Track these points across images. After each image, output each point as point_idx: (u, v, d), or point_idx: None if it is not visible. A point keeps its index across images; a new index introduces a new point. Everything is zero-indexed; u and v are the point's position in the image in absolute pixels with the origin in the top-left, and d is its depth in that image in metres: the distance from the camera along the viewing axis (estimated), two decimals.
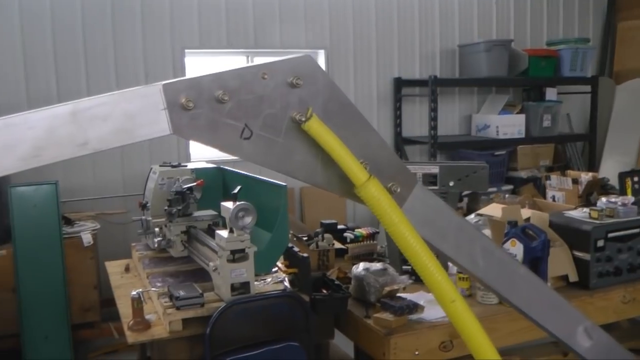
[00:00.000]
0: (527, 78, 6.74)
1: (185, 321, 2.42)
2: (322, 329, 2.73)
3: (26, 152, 0.93)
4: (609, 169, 6.63)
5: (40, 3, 5.05)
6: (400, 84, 6.55)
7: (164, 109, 0.99)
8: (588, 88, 7.01)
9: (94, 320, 4.62)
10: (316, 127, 1.07)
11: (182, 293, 2.45)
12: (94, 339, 4.66)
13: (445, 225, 1.20)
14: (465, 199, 4.55)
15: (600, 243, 2.97)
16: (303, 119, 1.06)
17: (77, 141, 0.95)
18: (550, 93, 6.93)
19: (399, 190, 1.17)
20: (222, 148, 1.04)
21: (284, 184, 2.75)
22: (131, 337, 2.42)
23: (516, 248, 2.88)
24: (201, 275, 2.77)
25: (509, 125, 6.61)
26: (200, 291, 2.48)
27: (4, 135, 0.92)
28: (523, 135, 6.67)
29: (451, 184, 3.06)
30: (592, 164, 7.06)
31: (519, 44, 6.92)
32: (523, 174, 6.57)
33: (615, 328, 3.59)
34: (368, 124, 1.17)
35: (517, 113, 6.77)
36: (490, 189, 5.95)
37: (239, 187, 2.52)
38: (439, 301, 1.14)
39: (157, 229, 2.97)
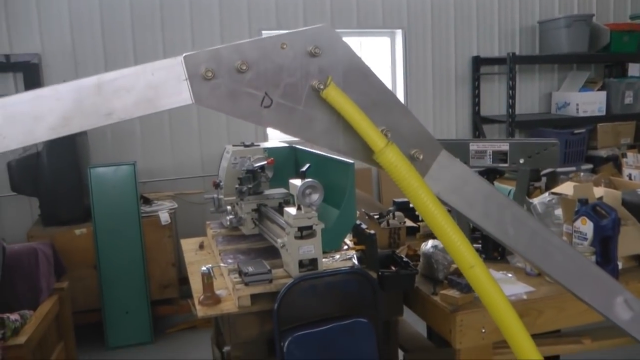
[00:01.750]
0: (609, 54, 6.50)
1: (254, 297, 2.49)
2: (390, 306, 2.75)
3: (55, 122, 0.99)
4: None
5: None
6: (478, 63, 6.45)
7: (185, 80, 1.04)
8: None
9: (172, 297, 4.80)
10: (334, 95, 1.08)
11: (250, 269, 2.52)
12: (173, 315, 4.85)
13: (472, 192, 1.19)
14: (544, 179, 4.46)
15: None
16: (322, 87, 1.08)
17: (102, 111, 1.01)
18: (633, 69, 6.67)
19: (421, 157, 1.17)
20: (242, 116, 1.07)
21: (351, 161, 2.78)
22: (201, 311, 2.50)
23: (586, 226, 2.82)
24: (272, 253, 2.83)
25: (589, 102, 6.41)
26: (269, 267, 2.54)
27: (35, 106, 0.98)
28: (604, 113, 6.46)
29: (521, 161, 3.01)
30: None
31: (601, 19, 6.68)
32: (603, 153, 6.37)
33: None
34: (390, 92, 1.17)
35: (598, 90, 6.56)
36: (569, 168, 5.82)
37: (307, 165, 2.56)
38: (459, 266, 1.15)
39: (229, 207, 3.06)
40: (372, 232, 2.75)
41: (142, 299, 4.48)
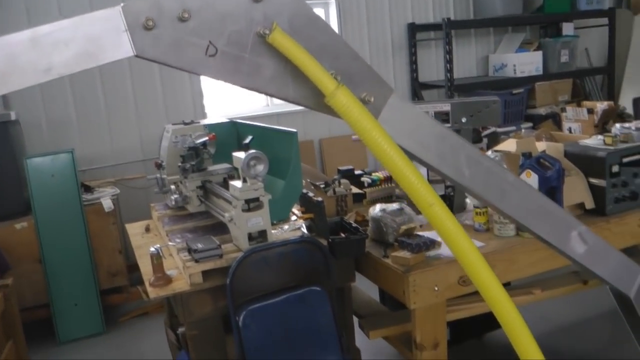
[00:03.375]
0: (543, 14, 6.61)
1: (206, 273, 2.45)
2: (342, 273, 2.74)
3: None
4: (629, 100, 6.52)
5: None
6: (414, 30, 6.47)
7: (125, 31, 0.99)
8: (605, 21, 6.87)
9: (122, 285, 4.70)
10: (280, 39, 1.06)
11: (200, 246, 2.47)
12: (124, 303, 4.76)
13: (425, 134, 1.18)
14: (485, 140, 4.51)
15: (615, 169, 2.94)
16: (267, 33, 1.06)
17: (40, 67, 0.96)
18: (567, 28, 6.79)
19: (372, 100, 1.15)
20: (187, 67, 1.04)
21: (294, 130, 2.75)
22: (153, 293, 2.45)
23: (531, 179, 2.86)
24: (220, 229, 2.79)
25: (526, 63, 6.52)
26: (218, 243, 2.50)
27: None
28: (541, 72, 6.58)
29: (464, 120, 3.04)
30: (612, 97, 6.93)
31: None
32: (542, 111, 6.50)
33: (634, 253, 3.57)
34: (337, 35, 1.15)
35: (534, 50, 6.66)
36: (510, 128, 5.91)
37: (250, 137, 2.53)
38: (418, 206, 1.13)
39: (173, 187, 3.00)
40: (320, 199, 2.73)
41: (91, 290, 4.37)
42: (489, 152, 3.65)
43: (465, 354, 3.65)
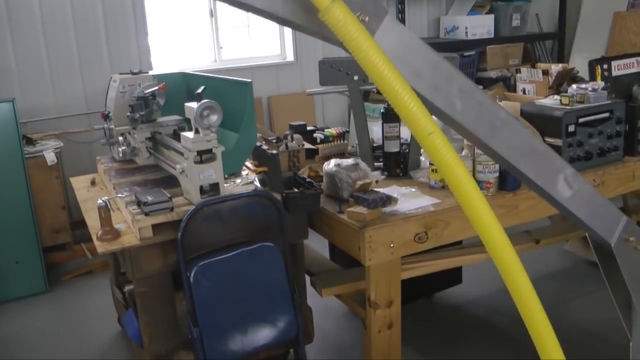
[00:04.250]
0: None
1: (156, 227, 2.36)
2: (296, 229, 2.69)
3: None
4: (578, 66, 6.59)
5: None
6: None
7: None
8: None
9: (65, 242, 4.54)
10: None
11: (150, 198, 2.38)
12: (67, 262, 4.60)
13: (419, 61, 1.10)
14: None
15: (572, 128, 2.95)
16: None
17: None
18: None
19: (367, 19, 1.07)
20: None
21: (248, 80, 2.65)
22: (101, 247, 2.34)
23: None
24: (170, 182, 2.70)
25: (478, 26, 6.50)
26: (169, 195, 2.41)
27: None
28: (492, 36, 6.58)
29: None
30: (561, 61, 7.01)
31: None
32: (493, 74, 6.51)
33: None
34: None
35: (486, 14, 6.65)
36: None
37: (202, 87, 2.42)
38: (415, 135, 1.06)
39: (120, 138, 2.88)
40: (275, 152, 2.66)
41: (33, 247, 4.21)
42: None
43: (415, 313, 3.67)
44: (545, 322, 1.12)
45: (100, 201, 2.38)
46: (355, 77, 2.97)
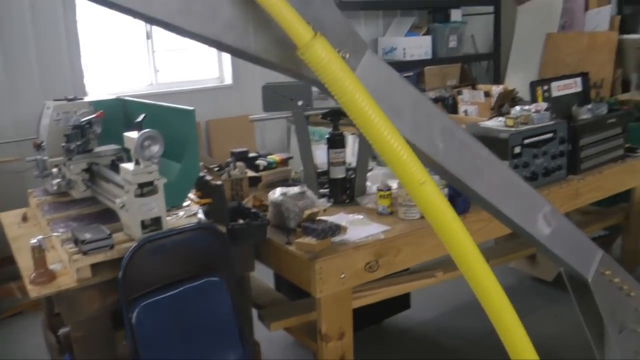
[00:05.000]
0: (432, 0, 6.68)
1: (95, 267, 2.21)
2: (242, 261, 2.59)
3: None
4: (513, 85, 6.73)
5: None
6: None
7: None
8: (491, 9, 7.07)
9: None
10: None
11: (88, 236, 2.23)
12: None
13: (399, 99, 1.02)
14: None
15: (517, 150, 2.97)
16: None
17: None
18: (455, 14, 6.91)
19: (347, 56, 0.98)
20: (133, 4, 0.82)
21: (191, 108, 2.55)
22: (34, 291, 2.17)
23: None
24: (108, 217, 2.55)
25: (415, 47, 6.57)
26: (108, 232, 2.27)
27: None
28: (430, 57, 6.65)
29: None
30: (497, 82, 7.14)
31: None
32: (431, 94, 6.54)
33: None
34: None
35: (424, 35, 6.72)
36: None
37: (143, 115, 2.31)
38: (405, 184, 0.97)
39: (55, 169, 2.72)
40: (219, 183, 2.56)
41: None
42: None
43: (366, 342, 3.60)
44: (520, 329, 1.07)
45: (33, 241, 2.22)
46: (300, 102, 2.90)
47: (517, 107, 3.16)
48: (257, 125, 6.03)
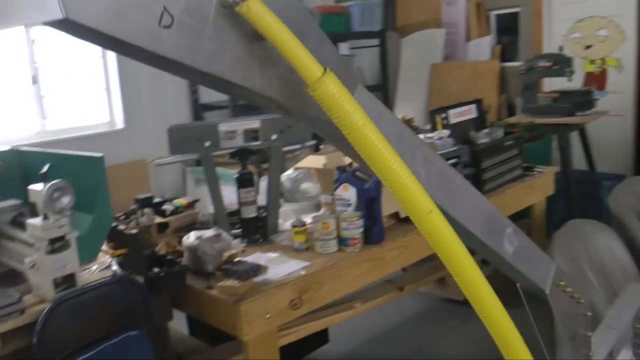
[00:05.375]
0: None
1: (4, 336, 2.05)
2: (160, 311, 2.50)
3: None
4: (404, 115, 6.96)
5: None
6: None
7: None
8: (377, 42, 7.28)
9: None
10: (258, 9, 0.83)
11: None
12: None
13: (387, 131, 1.01)
14: None
15: None
16: (236, 0, 0.82)
17: None
18: (343, 48, 7.07)
19: None
20: (136, 39, 0.77)
21: (99, 155, 2.44)
22: None
23: (349, 192, 2.84)
24: (12, 278, 2.37)
25: None
26: (18, 295, 2.11)
27: None
28: None
29: (274, 137, 2.94)
30: None
31: (309, 2, 6.95)
32: None
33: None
34: (305, 8, 0.95)
35: None
36: (294, 147, 5.96)
37: (48, 165, 2.18)
38: (413, 215, 0.96)
39: None
40: (135, 231, 2.46)
41: None
42: (291, 170, 3.61)
43: None
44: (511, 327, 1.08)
45: None
46: (207, 144, 2.85)
47: (422, 135, 3.25)
48: (151, 170, 5.88)
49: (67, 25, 0.72)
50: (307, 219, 2.91)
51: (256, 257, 2.73)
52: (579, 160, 5.70)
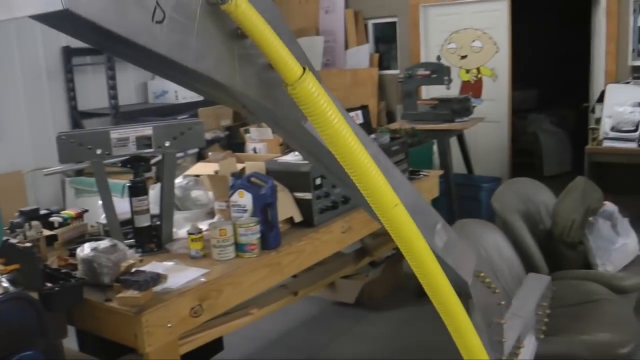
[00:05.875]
0: None
1: None
2: (55, 328, 2.39)
3: None
4: None
5: None
6: (70, 54, 6.05)
7: None
8: None
9: None
10: (245, 8, 0.84)
11: None
12: None
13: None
14: (154, 168, 4.39)
15: (318, 181, 3.10)
16: None
17: None
18: None
19: None
20: (131, 33, 0.77)
21: None
22: None
23: (244, 198, 2.86)
24: None
25: (186, 89, 6.55)
26: None
27: None
28: (202, 98, 6.67)
29: (167, 144, 2.91)
30: None
31: None
32: (208, 136, 6.59)
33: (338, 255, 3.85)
34: (277, 10, 0.98)
35: None
36: (178, 154, 5.88)
37: None
38: (379, 208, 1.02)
39: None
40: (29, 245, 2.35)
41: None
42: (181, 178, 3.57)
43: None
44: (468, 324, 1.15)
45: None
46: (99, 151, 2.77)
47: None
48: (28, 181, 5.59)
49: (66, 18, 0.72)
50: (203, 226, 2.90)
51: (153, 266, 2.68)
52: (458, 164, 6.01)
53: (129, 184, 2.92)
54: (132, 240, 2.96)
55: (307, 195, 3.06)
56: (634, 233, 3.57)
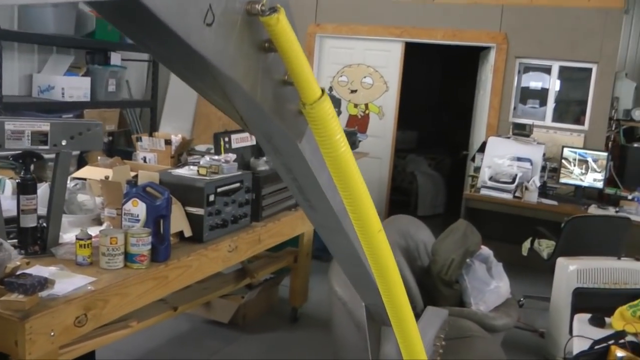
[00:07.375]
0: (94, 40, 6.53)
1: None
2: None
3: None
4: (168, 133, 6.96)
5: None
6: None
7: None
8: (147, 56, 7.20)
9: None
10: (285, 24, 0.85)
11: None
12: None
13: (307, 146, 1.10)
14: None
15: (212, 198, 3.12)
16: (265, 11, 0.84)
17: None
18: (115, 58, 6.85)
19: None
20: (183, 31, 0.77)
21: None
22: None
23: (138, 208, 2.82)
24: None
25: (75, 87, 6.33)
26: None
27: None
28: (89, 99, 6.47)
29: (64, 142, 2.81)
30: (154, 129, 7.25)
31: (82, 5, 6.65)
32: None
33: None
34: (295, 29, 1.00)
35: (83, 75, 6.52)
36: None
37: None
38: (365, 231, 1.05)
39: None
40: None
41: None
42: (69, 180, 3.46)
43: None
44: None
45: None
46: None
47: (207, 157, 3.33)
48: None
49: (129, 5, 0.73)
50: (94, 232, 2.83)
51: (37, 270, 2.58)
52: None
53: (18, 181, 2.81)
54: (14, 241, 2.83)
55: (200, 211, 3.06)
56: (507, 277, 3.86)
